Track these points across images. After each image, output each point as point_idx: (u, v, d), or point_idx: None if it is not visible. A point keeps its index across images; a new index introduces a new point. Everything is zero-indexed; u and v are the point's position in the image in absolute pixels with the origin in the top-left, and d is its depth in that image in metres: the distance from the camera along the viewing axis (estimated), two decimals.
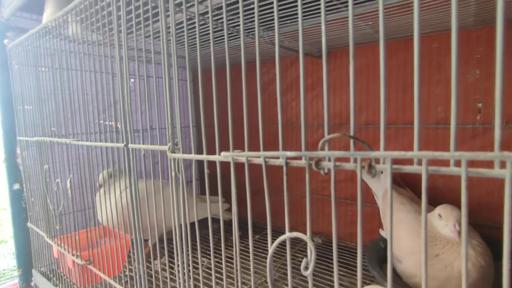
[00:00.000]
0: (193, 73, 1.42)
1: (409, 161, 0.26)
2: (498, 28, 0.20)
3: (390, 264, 0.24)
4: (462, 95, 0.88)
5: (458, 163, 0.22)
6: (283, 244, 0.34)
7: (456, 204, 0.89)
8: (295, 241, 1.10)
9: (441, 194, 0.95)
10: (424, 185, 0.23)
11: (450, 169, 0.22)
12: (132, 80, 1.04)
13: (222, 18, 0.74)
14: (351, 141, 0.27)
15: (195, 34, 0.88)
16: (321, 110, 1.14)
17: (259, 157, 0.33)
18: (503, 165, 0.20)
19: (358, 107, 1.06)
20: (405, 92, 0.96)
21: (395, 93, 0.98)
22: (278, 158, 0.32)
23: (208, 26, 0.81)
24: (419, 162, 0.24)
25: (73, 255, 0.74)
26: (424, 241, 0.23)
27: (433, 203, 0.73)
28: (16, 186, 1.02)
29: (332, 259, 1.12)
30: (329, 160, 0.28)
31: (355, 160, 0.27)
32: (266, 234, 0.32)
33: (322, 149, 0.29)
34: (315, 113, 1.15)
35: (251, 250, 0.37)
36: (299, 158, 0.30)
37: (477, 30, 0.84)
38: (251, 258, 0.37)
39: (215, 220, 0.51)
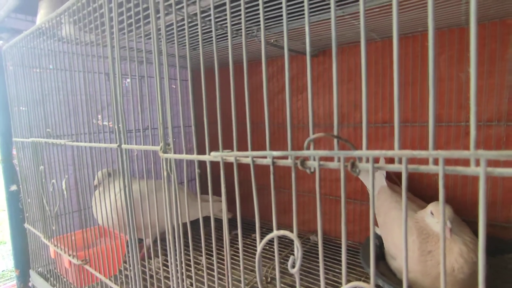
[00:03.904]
0: (187, 73, 1.42)
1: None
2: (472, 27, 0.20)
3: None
4: (455, 93, 0.88)
5: (437, 162, 0.23)
6: (279, 243, 0.35)
7: (449, 201, 0.90)
8: (291, 240, 1.10)
9: (436, 191, 0.96)
10: (404, 184, 0.23)
11: (428, 167, 0.23)
12: (128, 80, 1.04)
13: (217, 18, 0.74)
14: (335, 141, 0.28)
15: (192, 34, 0.89)
16: (316, 109, 1.14)
17: (247, 156, 0.33)
18: (478, 163, 0.21)
19: (353, 106, 1.07)
20: (403, 91, 0.96)
21: (390, 92, 0.99)
22: (265, 157, 0.32)
23: (203, 26, 0.81)
24: (400, 161, 0.24)
25: (69, 255, 0.75)
26: (405, 236, 0.24)
27: (429, 200, 0.74)
28: (13, 187, 1.03)
29: (328, 257, 1.11)
30: (314, 160, 0.29)
31: (339, 159, 0.27)
32: (263, 234, 0.32)
33: (308, 148, 0.29)
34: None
35: (240, 250, 0.37)
36: (286, 157, 0.31)
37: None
38: (240, 257, 0.38)
39: (214, 220, 0.51)
